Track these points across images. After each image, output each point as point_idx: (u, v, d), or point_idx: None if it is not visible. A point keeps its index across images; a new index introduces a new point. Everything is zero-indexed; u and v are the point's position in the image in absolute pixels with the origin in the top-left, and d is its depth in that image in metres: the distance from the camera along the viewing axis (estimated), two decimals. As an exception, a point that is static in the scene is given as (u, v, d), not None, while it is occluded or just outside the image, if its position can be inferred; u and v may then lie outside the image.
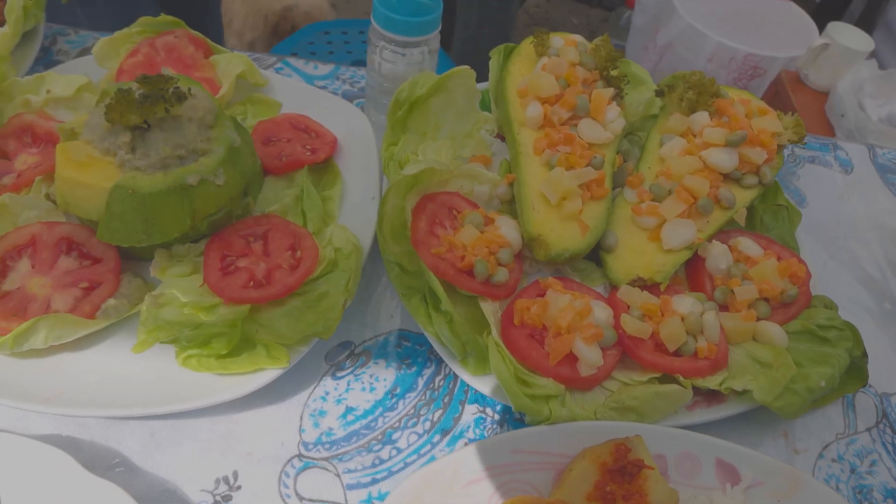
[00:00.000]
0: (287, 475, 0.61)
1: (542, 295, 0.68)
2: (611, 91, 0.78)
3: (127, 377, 0.62)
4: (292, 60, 0.96)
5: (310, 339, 0.64)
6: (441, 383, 0.69)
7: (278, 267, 0.67)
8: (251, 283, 0.65)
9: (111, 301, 0.65)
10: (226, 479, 0.60)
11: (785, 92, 1.87)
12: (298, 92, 0.86)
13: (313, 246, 0.69)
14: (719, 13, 2.05)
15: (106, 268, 0.67)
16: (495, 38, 2.12)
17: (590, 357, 0.63)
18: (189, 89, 0.64)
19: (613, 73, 0.79)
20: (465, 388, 0.69)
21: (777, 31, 2.01)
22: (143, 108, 0.62)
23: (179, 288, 0.64)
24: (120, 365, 0.63)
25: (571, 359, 0.63)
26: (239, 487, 0.60)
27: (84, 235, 0.68)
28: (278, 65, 0.95)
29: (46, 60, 0.90)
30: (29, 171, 0.73)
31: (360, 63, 1.65)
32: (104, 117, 0.63)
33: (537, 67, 0.79)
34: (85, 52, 0.93)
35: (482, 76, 0.82)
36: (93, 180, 0.62)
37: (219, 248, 0.68)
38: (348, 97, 0.91)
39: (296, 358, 0.63)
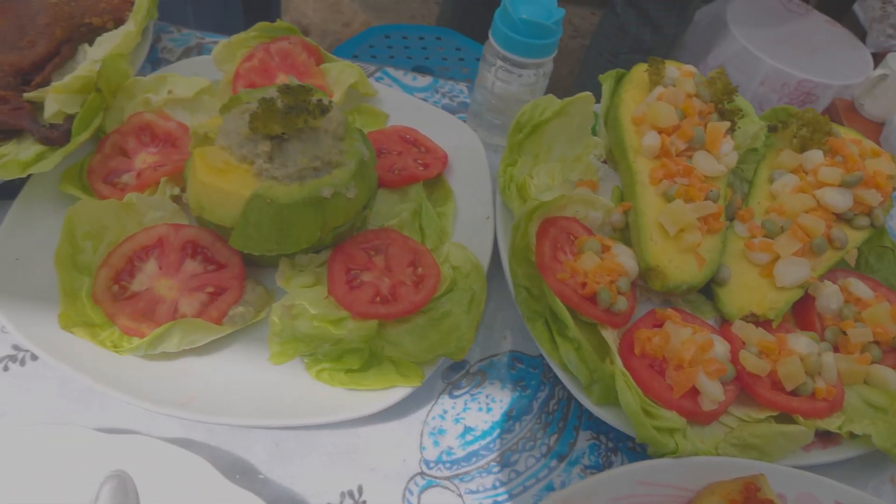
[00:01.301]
0: (411, 492, 0.61)
1: (660, 325, 0.69)
2: (726, 124, 0.78)
3: (256, 385, 0.62)
4: (391, 70, 0.96)
5: (437, 358, 0.64)
6: (555, 407, 0.69)
7: (401, 283, 0.67)
8: (377, 298, 0.66)
9: (239, 308, 0.65)
10: (351, 494, 0.61)
11: (838, 120, 1.86)
12: (404, 104, 0.87)
13: (434, 263, 0.70)
14: (774, 37, 2.05)
15: (231, 274, 0.67)
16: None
17: (713, 392, 0.63)
18: (330, 102, 0.65)
19: (728, 106, 0.79)
20: (579, 413, 0.69)
21: (832, 58, 2.01)
22: (287, 118, 0.62)
23: (307, 300, 0.65)
24: (249, 372, 0.63)
25: (693, 392, 0.64)
26: (364, 502, 0.60)
27: (209, 239, 0.68)
28: (378, 74, 0.95)
29: (152, 58, 0.91)
30: (149, 171, 0.73)
31: (421, 69, 1.66)
32: (248, 126, 0.63)
33: (652, 96, 0.79)
34: (189, 50, 0.93)
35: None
36: (231, 187, 0.62)
37: (343, 260, 0.68)
38: (447, 111, 0.91)
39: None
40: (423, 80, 0.97)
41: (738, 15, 2.10)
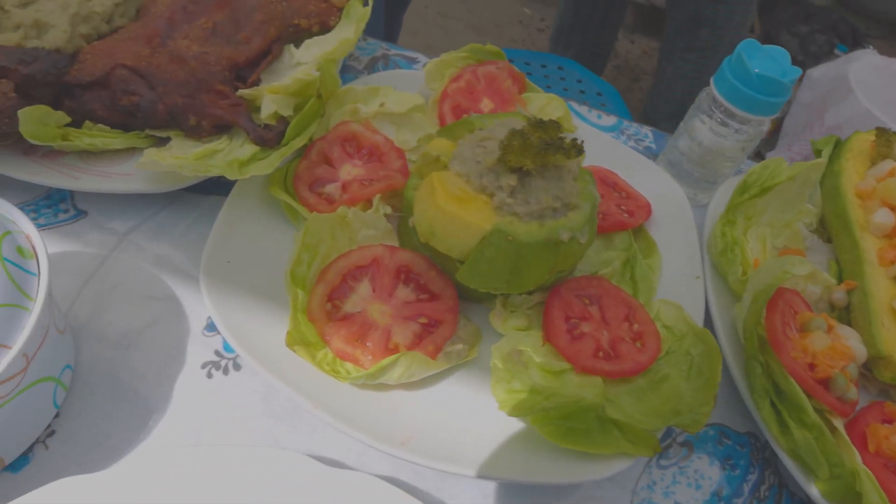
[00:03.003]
0: (624, 569, 0.57)
1: (889, 421, 0.64)
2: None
3: (474, 431, 0.58)
4: (574, 104, 0.93)
5: (663, 427, 0.60)
6: (766, 494, 0.64)
7: (621, 339, 0.63)
8: (600, 352, 0.62)
9: (457, 345, 0.62)
10: (561, 562, 0.56)
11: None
12: (601, 144, 0.83)
13: (650, 320, 0.65)
14: (899, 99, 1.98)
15: (445, 306, 0.64)
16: (687, 96, 2.05)
17: (959, 505, 0.58)
18: (582, 142, 0.61)
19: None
20: (791, 502, 0.64)
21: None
22: (542, 154, 0.59)
23: (528, 345, 0.61)
24: (465, 416, 0.59)
25: (935, 503, 0.58)
26: (576, 573, 0.56)
27: (423, 266, 0.65)
28: (561, 107, 0.92)
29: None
30: (357, 185, 0.70)
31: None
32: (490, 155, 0.60)
33: (880, 169, 0.75)
34: (374, 61, 0.91)
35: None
36: (472, 218, 0.59)
37: (560, 307, 0.64)
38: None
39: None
40: (609, 120, 0.93)
41: (861, 76, 2.04)
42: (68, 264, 0.66)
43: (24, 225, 0.54)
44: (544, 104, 0.81)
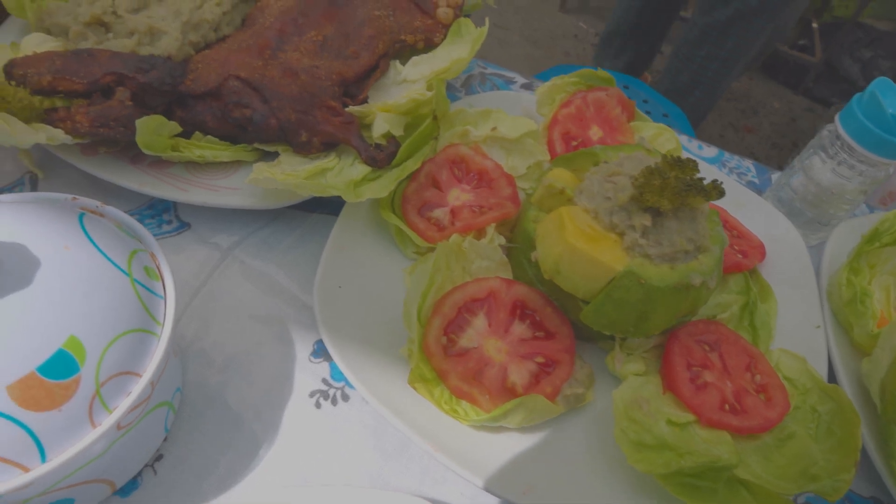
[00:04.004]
0: None
1: None
2: None
3: (595, 484, 0.55)
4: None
5: (798, 493, 0.56)
6: (893, 564, 0.60)
7: (745, 391, 0.60)
8: (725, 405, 0.59)
9: (576, 389, 0.59)
10: None
11: None
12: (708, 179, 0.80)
13: (773, 372, 0.62)
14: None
15: (561, 346, 0.61)
16: (702, 103, 2.04)
17: None
18: (722, 183, 0.58)
19: None
20: (920, 577, 0.60)
21: None
22: (682, 196, 0.56)
23: (648, 393, 0.58)
24: (584, 466, 0.57)
25: None
26: None
27: (539, 303, 0.62)
28: (662, 136, 0.89)
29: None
30: (467, 211, 0.68)
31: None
32: (622, 192, 0.57)
33: None
34: (471, 79, 0.89)
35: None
36: (604, 258, 0.56)
37: (681, 353, 0.61)
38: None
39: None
40: (709, 151, 0.90)
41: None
42: (174, 279, 0.64)
43: (149, 243, 0.52)
44: (655, 134, 0.78)
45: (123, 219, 0.53)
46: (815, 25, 2.82)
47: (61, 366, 0.41)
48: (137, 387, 0.45)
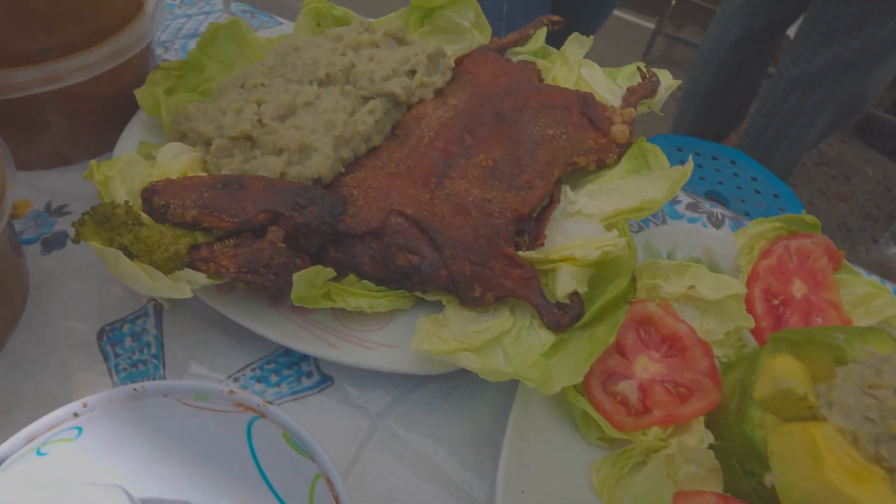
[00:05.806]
0: None
1: None
2: None
3: None
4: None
5: None
6: None
7: None
8: None
9: None
10: None
11: None
12: None
13: None
14: None
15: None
16: (788, 157, 1.91)
17: None
18: None
19: None
20: None
21: None
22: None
23: None
24: None
25: None
26: None
27: (761, 528, 0.51)
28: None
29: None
30: (661, 390, 0.57)
31: (714, 195, 1.48)
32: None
33: None
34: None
35: None
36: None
37: None
38: None
39: None
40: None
41: None
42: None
43: (323, 462, 0.42)
44: (868, 295, 0.66)
45: (290, 425, 0.43)
46: (914, 88, 2.66)
47: None
48: None
